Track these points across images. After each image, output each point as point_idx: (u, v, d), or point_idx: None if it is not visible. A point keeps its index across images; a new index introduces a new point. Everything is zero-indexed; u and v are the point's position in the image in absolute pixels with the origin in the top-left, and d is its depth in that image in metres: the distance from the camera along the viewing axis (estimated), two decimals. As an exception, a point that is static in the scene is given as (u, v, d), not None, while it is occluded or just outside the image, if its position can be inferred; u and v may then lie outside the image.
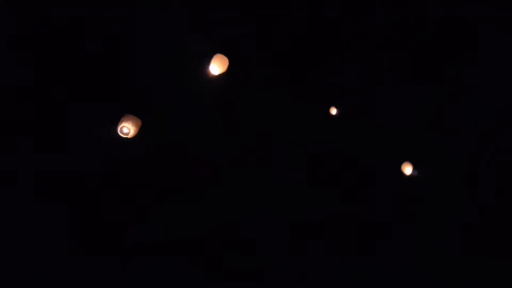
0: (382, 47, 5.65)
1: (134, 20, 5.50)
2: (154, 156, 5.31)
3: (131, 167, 5.28)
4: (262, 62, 5.58)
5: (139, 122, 4.70)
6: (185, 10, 5.54)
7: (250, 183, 5.34)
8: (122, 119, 4.64)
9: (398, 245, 5.34)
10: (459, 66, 5.53)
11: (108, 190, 5.30)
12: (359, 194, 5.45)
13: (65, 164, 5.19)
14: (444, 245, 5.25)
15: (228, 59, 5.14)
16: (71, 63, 5.34)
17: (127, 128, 4.64)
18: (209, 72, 5.12)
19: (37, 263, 5.12)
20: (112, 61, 5.37)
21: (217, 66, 5.05)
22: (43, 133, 5.27)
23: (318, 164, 5.46)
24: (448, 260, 5.20)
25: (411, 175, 5.20)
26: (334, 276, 5.26)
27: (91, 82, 5.27)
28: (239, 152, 5.41)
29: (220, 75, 5.15)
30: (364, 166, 5.53)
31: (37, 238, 5.15)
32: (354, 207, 5.44)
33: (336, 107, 5.43)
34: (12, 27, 5.28)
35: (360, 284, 5.24)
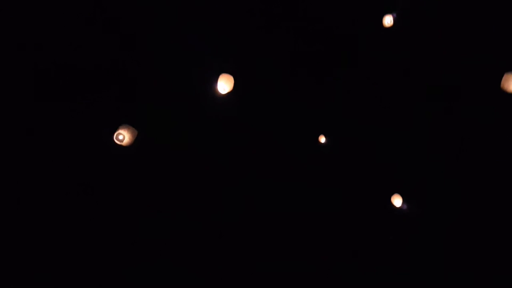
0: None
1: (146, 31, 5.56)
2: (155, 164, 5.36)
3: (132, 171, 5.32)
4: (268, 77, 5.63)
5: (135, 132, 4.84)
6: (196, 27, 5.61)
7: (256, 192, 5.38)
8: (120, 127, 4.76)
9: (397, 244, 5.34)
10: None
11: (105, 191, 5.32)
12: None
13: (62, 163, 5.23)
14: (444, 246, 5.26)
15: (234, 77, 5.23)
16: (94, 69, 5.42)
17: (122, 135, 4.77)
18: (217, 91, 5.22)
19: (38, 262, 5.14)
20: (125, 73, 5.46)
21: (224, 85, 5.13)
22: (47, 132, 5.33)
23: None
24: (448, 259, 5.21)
25: (400, 207, 5.24)
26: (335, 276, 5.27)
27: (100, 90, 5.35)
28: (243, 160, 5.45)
29: (227, 94, 5.24)
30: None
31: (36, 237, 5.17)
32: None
33: (325, 136, 5.46)
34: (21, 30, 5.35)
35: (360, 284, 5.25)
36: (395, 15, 5.41)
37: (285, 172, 5.52)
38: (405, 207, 5.27)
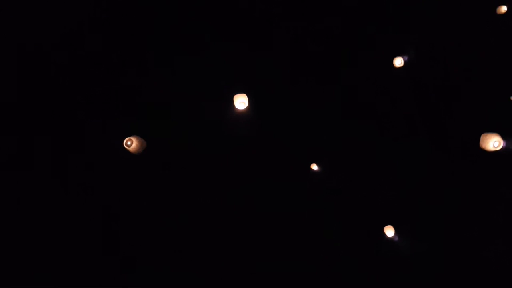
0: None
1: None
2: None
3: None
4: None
5: (144, 143, 5.17)
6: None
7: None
8: (133, 136, 5.09)
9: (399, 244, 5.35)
10: None
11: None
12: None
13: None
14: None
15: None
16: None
17: (131, 141, 5.04)
18: (234, 108, 5.39)
19: (38, 262, 5.15)
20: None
21: (239, 104, 5.35)
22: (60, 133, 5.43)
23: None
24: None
25: (392, 238, 5.27)
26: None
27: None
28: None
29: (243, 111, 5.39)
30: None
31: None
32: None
33: (317, 164, 5.50)
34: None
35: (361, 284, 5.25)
36: (406, 58, 5.56)
37: (286, 172, 5.52)
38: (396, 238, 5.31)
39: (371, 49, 5.73)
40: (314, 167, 5.48)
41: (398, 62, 5.59)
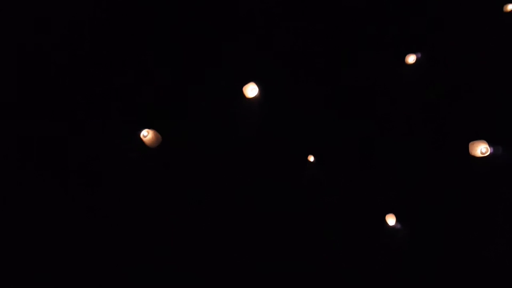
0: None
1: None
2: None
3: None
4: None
5: (159, 137, 5.39)
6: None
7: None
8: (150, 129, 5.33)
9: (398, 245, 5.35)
10: None
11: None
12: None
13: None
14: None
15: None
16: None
17: (147, 132, 5.26)
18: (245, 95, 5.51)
19: (38, 262, 5.15)
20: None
21: (250, 91, 5.50)
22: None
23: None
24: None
25: (394, 226, 5.30)
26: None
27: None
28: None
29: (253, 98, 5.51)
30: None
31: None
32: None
33: (313, 155, 5.51)
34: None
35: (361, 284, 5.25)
36: (419, 55, 5.57)
37: (286, 173, 5.52)
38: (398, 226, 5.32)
39: (371, 49, 5.72)
40: (311, 158, 5.47)
41: (412, 59, 5.58)
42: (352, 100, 5.64)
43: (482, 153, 5.09)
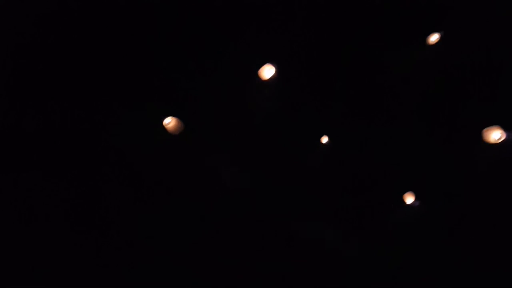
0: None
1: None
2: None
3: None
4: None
5: (182, 125, 5.46)
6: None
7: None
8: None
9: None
10: None
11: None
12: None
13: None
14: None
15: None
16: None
17: (170, 119, 5.36)
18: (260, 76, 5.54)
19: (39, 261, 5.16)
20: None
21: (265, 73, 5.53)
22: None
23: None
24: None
25: (412, 204, 5.31)
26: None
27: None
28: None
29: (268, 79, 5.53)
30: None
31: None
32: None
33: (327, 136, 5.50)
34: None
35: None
36: (442, 33, 5.51)
37: (286, 173, 5.53)
38: (417, 203, 5.31)
39: (371, 49, 5.73)
40: (325, 139, 5.47)
41: (434, 37, 5.50)
42: (352, 100, 5.65)
43: (496, 139, 5.09)
